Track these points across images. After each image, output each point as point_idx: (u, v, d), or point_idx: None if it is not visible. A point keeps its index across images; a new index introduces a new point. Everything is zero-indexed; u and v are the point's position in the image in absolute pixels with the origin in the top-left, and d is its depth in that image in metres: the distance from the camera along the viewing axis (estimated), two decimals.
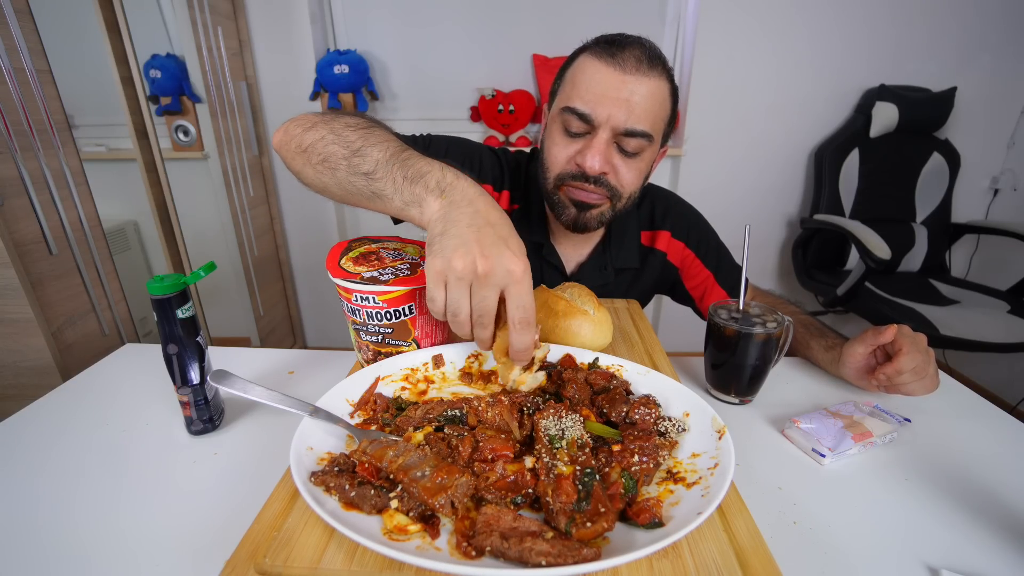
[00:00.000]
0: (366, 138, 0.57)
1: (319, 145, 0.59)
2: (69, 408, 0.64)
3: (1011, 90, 1.99)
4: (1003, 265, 2.06)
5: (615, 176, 0.76)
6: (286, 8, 1.89)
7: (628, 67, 0.70)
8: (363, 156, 0.55)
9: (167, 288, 0.51)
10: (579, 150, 0.75)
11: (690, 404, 0.50)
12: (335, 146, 0.58)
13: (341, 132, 0.59)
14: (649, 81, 0.70)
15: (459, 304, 0.46)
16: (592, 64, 0.72)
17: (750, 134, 2.06)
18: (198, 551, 0.43)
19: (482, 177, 0.88)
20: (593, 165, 0.73)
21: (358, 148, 0.56)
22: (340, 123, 0.61)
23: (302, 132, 0.62)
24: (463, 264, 0.45)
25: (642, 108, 0.71)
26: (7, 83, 1.05)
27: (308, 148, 0.60)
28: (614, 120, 0.71)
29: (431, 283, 0.47)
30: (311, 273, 2.34)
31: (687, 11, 1.96)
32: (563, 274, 0.92)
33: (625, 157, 0.75)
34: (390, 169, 0.53)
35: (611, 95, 0.70)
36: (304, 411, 0.47)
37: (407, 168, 0.52)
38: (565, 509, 0.36)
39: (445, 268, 0.45)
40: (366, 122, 0.62)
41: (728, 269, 0.95)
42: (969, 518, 0.48)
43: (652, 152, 0.78)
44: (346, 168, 0.56)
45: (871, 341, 0.66)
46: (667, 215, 0.94)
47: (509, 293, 0.46)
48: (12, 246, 1.05)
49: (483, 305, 0.46)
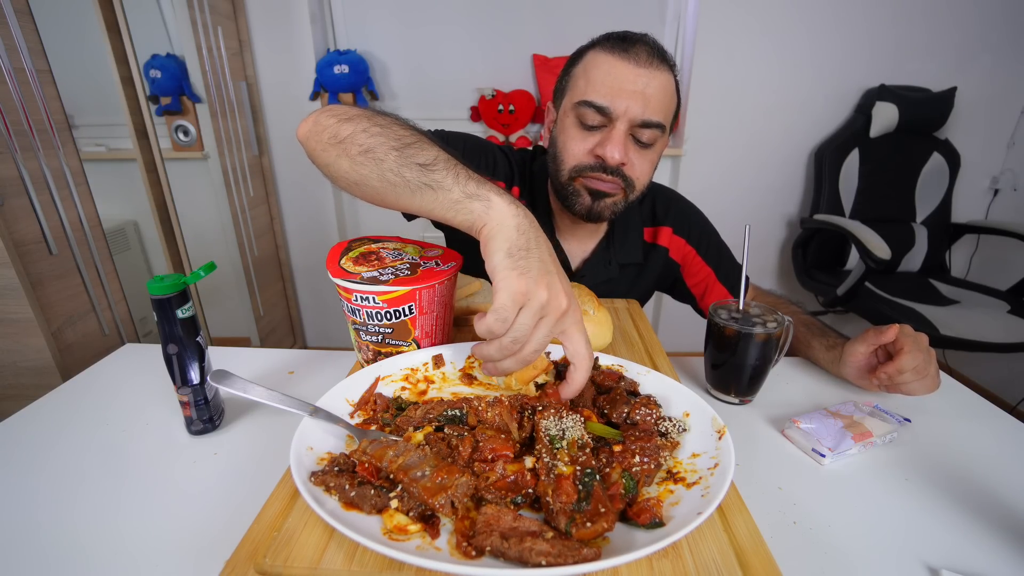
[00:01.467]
0: (416, 135, 0.56)
1: (360, 136, 0.56)
2: (69, 408, 0.64)
3: (1011, 90, 1.99)
4: (1003, 265, 2.06)
5: (631, 167, 0.77)
6: (286, 8, 1.89)
7: (641, 60, 0.72)
8: (420, 148, 0.53)
9: (167, 288, 0.51)
10: (598, 142, 0.76)
11: (690, 404, 0.50)
12: (382, 138, 0.55)
13: (387, 125, 0.57)
14: (660, 74, 0.73)
15: (526, 333, 0.44)
16: (606, 59, 0.74)
17: (750, 134, 2.07)
18: (198, 551, 0.43)
19: (496, 174, 0.89)
20: (614, 155, 0.74)
21: (412, 141, 0.54)
22: (384, 117, 0.59)
23: (338, 123, 0.58)
24: (547, 295, 0.44)
25: (656, 100, 0.73)
26: (7, 83, 1.05)
27: (346, 138, 0.57)
28: (631, 112, 0.72)
29: (508, 300, 0.43)
30: (311, 273, 2.34)
31: (687, 11, 1.96)
32: (568, 269, 0.92)
33: (640, 149, 0.77)
34: (451, 164, 0.51)
35: (628, 88, 0.72)
36: (304, 411, 0.47)
37: (463, 166, 0.52)
38: (565, 509, 0.36)
39: (529, 292, 0.43)
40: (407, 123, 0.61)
41: (729, 267, 0.95)
42: (969, 518, 0.48)
43: (663, 143, 0.80)
44: (397, 159, 0.53)
45: (873, 340, 0.66)
46: (668, 211, 0.95)
47: (573, 330, 0.46)
48: (12, 246, 1.05)
49: (542, 343, 0.45)
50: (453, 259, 0.63)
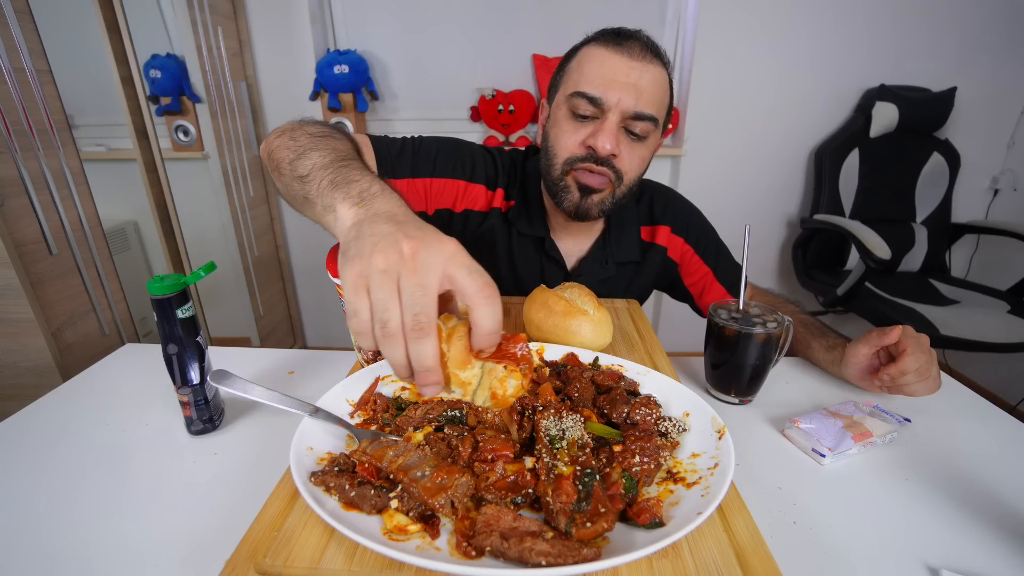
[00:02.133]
0: (316, 143, 0.56)
1: (277, 151, 0.59)
2: (69, 408, 0.64)
3: (1011, 90, 1.99)
4: (1003, 265, 2.06)
5: (621, 160, 0.77)
6: (286, 8, 1.89)
7: (635, 54, 0.72)
8: (304, 159, 0.53)
9: (167, 288, 0.51)
10: (590, 133, 0.76)
11: (690, 404, 0.50)
12: (286, 150, 0.57)
13: (297, 137, 0.58)
14: (654, 68, 0.73)
15: (387, 305, 0.34)
16: (599, 52, 0.74)
17: (750, 134, 2.07)
18: (198, 551, 0.43)
19: (474, 177, 0.88)
20: (605, 145, 0.74)
21: (303, 152, 0.54)
22: (303, 130, 0.60)
23: (273, 138, 0.62)
24: (385, 256, 0.35)
25: (649, 92, 0.73)
26: (7, 83, 1.05)
27: (271, 153, 0.61)
28: (624, 103, 0.73)
29: (350, 293, 0.36)
30: (311, 273, 2.34)
31: (687, 11, 1.96)
32: (564, 268, 0.91)
33: (632, 141, 0.77)
34: (323, 173, 0.49)
35: (620, 79, 0.72)
36: (304, 411, 0.47)
37: (338, 174, 0.48)
38: (565, 509, 0.36)
39: (365, 268, 0.36)
40: (328, 130, 0.61)
41: (727, 266, 0.95)
42: (969, 518, 0.48)
43: (655, 139, 0.79)
44: (288, 172, 0.55)
45: (875, 342, 0.66)
46: (666, 210, 0.94)
47: (451, 267, 0.35)
48: (12, 246, 1.05)
49: (419, 299, 0.34)
50: None
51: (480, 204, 0.90)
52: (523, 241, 0.90)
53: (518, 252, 0.91)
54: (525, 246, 0.91)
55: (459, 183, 0.88)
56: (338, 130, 0.64)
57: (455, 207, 0.89)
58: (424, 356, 0.35)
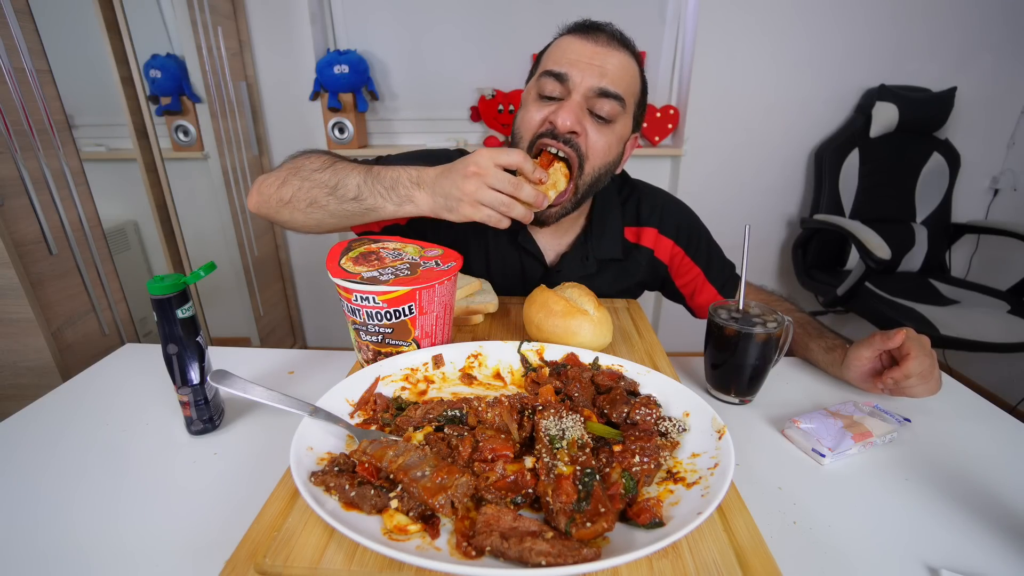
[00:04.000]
0: (336, 173, 0.71)
1: (300, 194, 0.73)
2: (69, 408, 0.64)
3: (1011, 90, 1.99)
4: (1003, 265, 2.06)
5: (585, 138, 0.76)
6: (286, 8, 1.89)
7: (601, 41, 0.75)
8: (344, 187, 0.70)
9: (167, 288, 0.51)
10: (552, 111, 0.75)
11: (690, 404, 0.50)
12: (316, 190, 0.72)
13: (312, 178, 0.72)
14: (620, 55, 0.75)
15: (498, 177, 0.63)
16: (567, 39, 0.77)
17: (750, 134, 2.06)
18: (198, 551, 0.43)
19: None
20: (565, 122, 0.73)
21: (336, 184, 0.70)
22: (306, 171, 0.74)
23: (277, 189, 0.75)
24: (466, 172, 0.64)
25: (615, 74, 0.74)
26: (7, 83, 1.05)
27: (291, 200, 0.73)
28: (588, 81, 0.73)
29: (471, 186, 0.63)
30: (311, 273, 2.34)
31: (687, 11, 1.96)
32: (543, 264, 0.90)
33: (598, 123, 0.76)
34: (371, 188, 0.68)
35: (585, 60, 0.74)
36: (304, 411, 0.47)
37: (382, 181, 0.68)
38: (565, 509, 0.36)
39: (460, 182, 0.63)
40: (327, 160, 0.75)
41: (719, 266, 0.95)
42: (969, 518, 0.48)
43: (623, 125, 0.79)
44: (335, 201, 0.71)
45: (879, 346, 0.65)
46: (653, 212, 0.93)
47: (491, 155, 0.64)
48: (12, 246, 1.05)
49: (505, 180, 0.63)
50: (453, 259, 0.63)
51: None
52: (498, 236, 0.90)
53: (494, 247, 0.91)
54: (501, 241, 0.90)
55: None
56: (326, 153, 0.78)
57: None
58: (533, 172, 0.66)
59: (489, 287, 0.82)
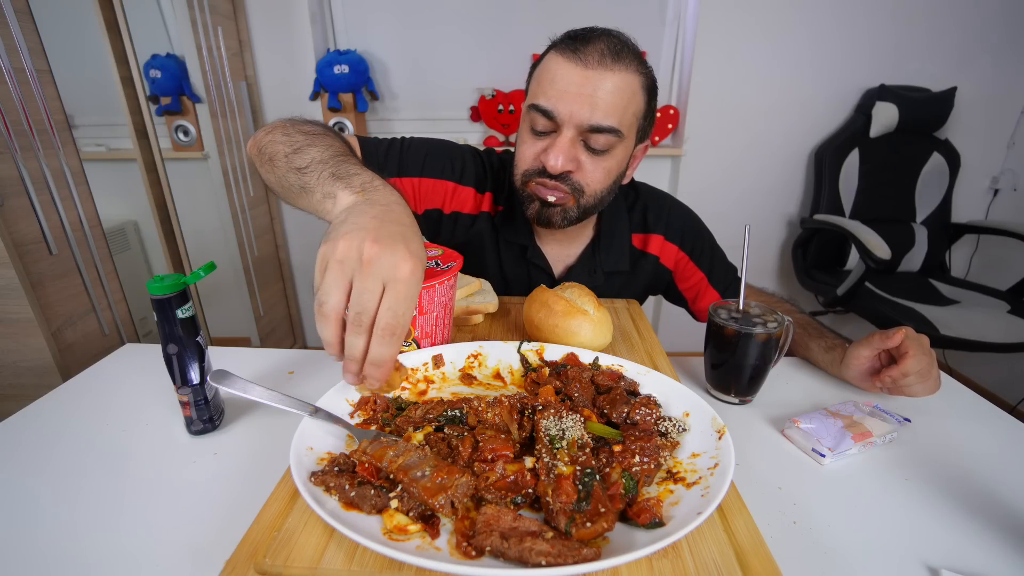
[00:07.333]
0: (312, 140, 0.59)
1: (270, 145, 0.63)
2: (69, 408, 0.64)
3: (1011, 90, 1.99)
4: (1003, 265, 2.06)
5: (580, 173, 0.75)
6: (286, 8, 1.89)
7: (591, 62, 0.69)
8: (302, 153, 0.57)
9: (167, 288, 0.51)
10: (544, 148, 0.74)
11: (690, 404, 0.50)
12: (281, 144, 0.61)
13: (292, 133, 0.62)
14: (614, 75, 0.69)
15: (329, 291, 0.39)
16: (555, 61, 0.72)
17: (750, 134, 2.06)
18: (198, 551, 0.43)
19: (464, 179, 0.88)
20: (555, 164, 0.72)
21: (300, 147, 0.58)
22: (296, 127, 0.64)
23: (264, 135, 0.65)
24: (346, 246, 0.40)
25: (607, 103, 0.69)
26: (7, 83, 1.05)
27: (262, 148, 0.64)
28: (577, 117, 0.70)
29: (317, 269, 0.42)
30: (311, 273, 2.32)
31: (687, 11, 1.96)
32: (551, 276, 0.91)
33: (593, 155, 0.74)
34: (323, 167, 0.53)
35: (573, 91, 0.69)
36: (304, 411, 0.47)
37: (339, 167, 0.52)
38: (565, 509, 0.36)
39: (328, 252, 0.40)
40: (323, 129, 0.65)
41: (722, 270, 0.95)
42: (969, 518, 0.48)
43: (624, 149, 0.76)
44: (284, 164, 0.58)
45: (878, 345, 0.65)
46: (660, 218, 0.93)
47: (387, 291, 0.40)
48: (12, 246, 1.05)
49: (361, 300, 0.39)
50: (453, 259, 0.63)
51: (469, 207, 0.89)
52: (510, 247, 0.90)
53: (506, 257, 0.91)
54: (512, 252, 0.90)
55: (448, 184, 0.87)
56: (329, 129, 0.67)
57: (444, 208, 0.89)
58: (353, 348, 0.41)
59: (489, 287, 0.82)
